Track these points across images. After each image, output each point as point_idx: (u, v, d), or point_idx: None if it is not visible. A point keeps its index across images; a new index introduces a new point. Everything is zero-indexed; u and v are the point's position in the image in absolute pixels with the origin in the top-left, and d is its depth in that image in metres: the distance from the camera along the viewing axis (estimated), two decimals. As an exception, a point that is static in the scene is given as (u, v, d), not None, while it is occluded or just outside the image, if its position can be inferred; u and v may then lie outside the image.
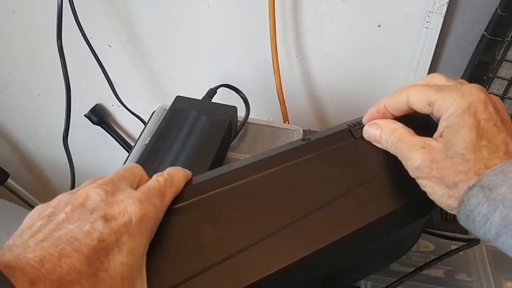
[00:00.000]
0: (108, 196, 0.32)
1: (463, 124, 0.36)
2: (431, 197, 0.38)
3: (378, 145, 0.43)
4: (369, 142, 0.44)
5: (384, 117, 0.43)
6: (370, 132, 0.43)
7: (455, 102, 0.36)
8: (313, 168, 0.42)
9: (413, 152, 0.38)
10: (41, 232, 0.29)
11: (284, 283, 0.37)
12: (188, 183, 0.40)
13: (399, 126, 0.41)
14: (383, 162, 0.43)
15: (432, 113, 0.39)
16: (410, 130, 0.40)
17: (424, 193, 0.39)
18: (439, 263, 0.55)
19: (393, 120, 0.42)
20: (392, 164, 0.42)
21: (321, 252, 0.37)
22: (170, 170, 0.39)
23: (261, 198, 0.39)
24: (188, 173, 0.40)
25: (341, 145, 0.44)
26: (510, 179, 0.32)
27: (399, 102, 0.41)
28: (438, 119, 0.38)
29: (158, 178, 0.37)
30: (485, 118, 0.35)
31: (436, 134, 0.38)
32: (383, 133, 0.41)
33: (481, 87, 0.37)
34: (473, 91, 0.36)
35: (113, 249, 0.29)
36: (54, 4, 0.84)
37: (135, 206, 0.32)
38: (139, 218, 0.31)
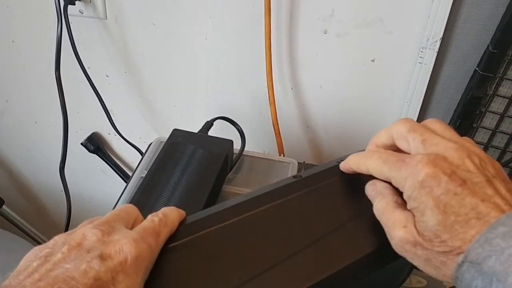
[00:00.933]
0: (104, 236, 0.33)
1: (425, 206, 0.34)
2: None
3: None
4: (360, 179, 0.45)
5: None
6: (367, 191, 0.42)
7: (406, 184, 0.36)
8: (304, 205, 0.43)
9: (395, 230, 0.36)
10: (38, 272, 0.30)
11: None
12: (182, 223, 0.40)
13: (388, 193, 0.39)
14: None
15: None
16: (399, 199, 0.39)
17: None
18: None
19: (388, 186, 0.40)
20: None
21: (314, 287, 0.38)
22: (164, 210, 0.40)
23: (253, 236, 0.40)
24: (182, 213, 0.41)
25: (331, 181, 0.45)
26: (496, 247, 0.31)
27: (361, 170, 0.42)
28: None
29: (153, 218, 0.38)
30: (443, 192, 0.34)
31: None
32: (375, 196, 0.40)
33: (429, 157, 0.35)
34: (420, 167, 0.35)
35: (109, 287, 0.30)
36: (54, 34, 0.86)
37: (130, 245, 0.32)
38: (134, 257, 0.32)
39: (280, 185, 0.45)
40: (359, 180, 0.44)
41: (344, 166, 0.45)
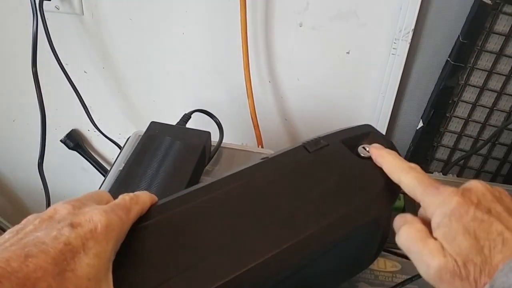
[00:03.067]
0: (75, 210, 0.34)
1: (455, 233, 0.36)
2: None
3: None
4: (323, 155, 0.48)
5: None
6: (396, 222, 0.42)
7: (437, 211, 0.38)
8: (271, 180, 0.45)
9: (434, 260, 0.37)
10: (9, 241, 0.30)
11: None
12: (153, 206, 0.42)
13: (418, 223, 0.40)
14: (336, 170, 0.46)
15: None
16: (426, 228, 0.39)
17: (375, 195, 0.43)
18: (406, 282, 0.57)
19: (416, 218, 0.41)
20: (344, 171, 0.46)
21: (282, 254, 0.39)
22: (136, 192, 0.41)
23: (222, 211, 0.42)
24: (154, 196, 0.42)
25: (296, 158, 0.48)
26: None
27: (392, 178, 0.44)
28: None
29: (124, 197, 0.39)
30: (472, 218, 0.36)
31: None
32: (404, 228, 0.41)
33: (458, 191, 0.38)
34: (451, 197, 0.38)
35: (79, 252, 0.30)
36: (30, 31, 0.85)
37: (100, 215, 0.33)
38: (104, 226, 0.33)
39: (248, 166, 0.46)
40: (324, 155, 0.47)
41: (376, 161, 0.46)
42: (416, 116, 0.92)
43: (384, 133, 0.92)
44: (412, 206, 0.70)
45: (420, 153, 0.92)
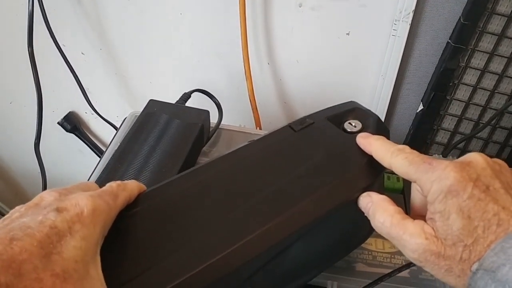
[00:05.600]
0: (61, 196, 0.34)
1: (449, 210, 0.35)
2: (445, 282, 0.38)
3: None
4: (309, 132, 0.48)
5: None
6: (361, 203, 0.42)
7: (433, 187, 0.36)
8: (258, 160, 0.46)
9: (417, 243, 0.36)
10: None
11: (238, 269, 0.38)
12: (141, 194, 0.42)
13: (390, 207, 0.40)
14: (323, 145, 0.47)
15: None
16: (399, 208, 0.39)
17: (362, 166, 0.44)
18: (404, 263, 0.56)
19: (385, 198, 0.41)
20: (331, 146, 0.47)
21: (271, 230, 0.39)
22: (124, 181, 0.41)
23: (209, 195, 0.42)
24: (142, 185, 0.43)
25: (282, 138, 0.48)
26: (510, 256, 0.32)
27: (383, 163, 0.43)
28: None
29: (111, 184, 0.39)
30: (469, 196, 0.35)
31: (427, 216, 0.38)
32: (372, 210, 0.41)
33: (455, 165, 0.37)
34: (448, 172, 0.36)
35: (65, 235, 0.30)
36: (26, 11, 0.84)
37: (87, 199, 0.33)
38: (91, 210, 0.33)
39: (234, 149, 0.47)
40: (310, 133, 0.48)
41: (365, 150, 0.46)
42: (416, 98, 0.91)
43: (384, 116, 0.91)
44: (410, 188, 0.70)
45: (420, 136, 0.91)
